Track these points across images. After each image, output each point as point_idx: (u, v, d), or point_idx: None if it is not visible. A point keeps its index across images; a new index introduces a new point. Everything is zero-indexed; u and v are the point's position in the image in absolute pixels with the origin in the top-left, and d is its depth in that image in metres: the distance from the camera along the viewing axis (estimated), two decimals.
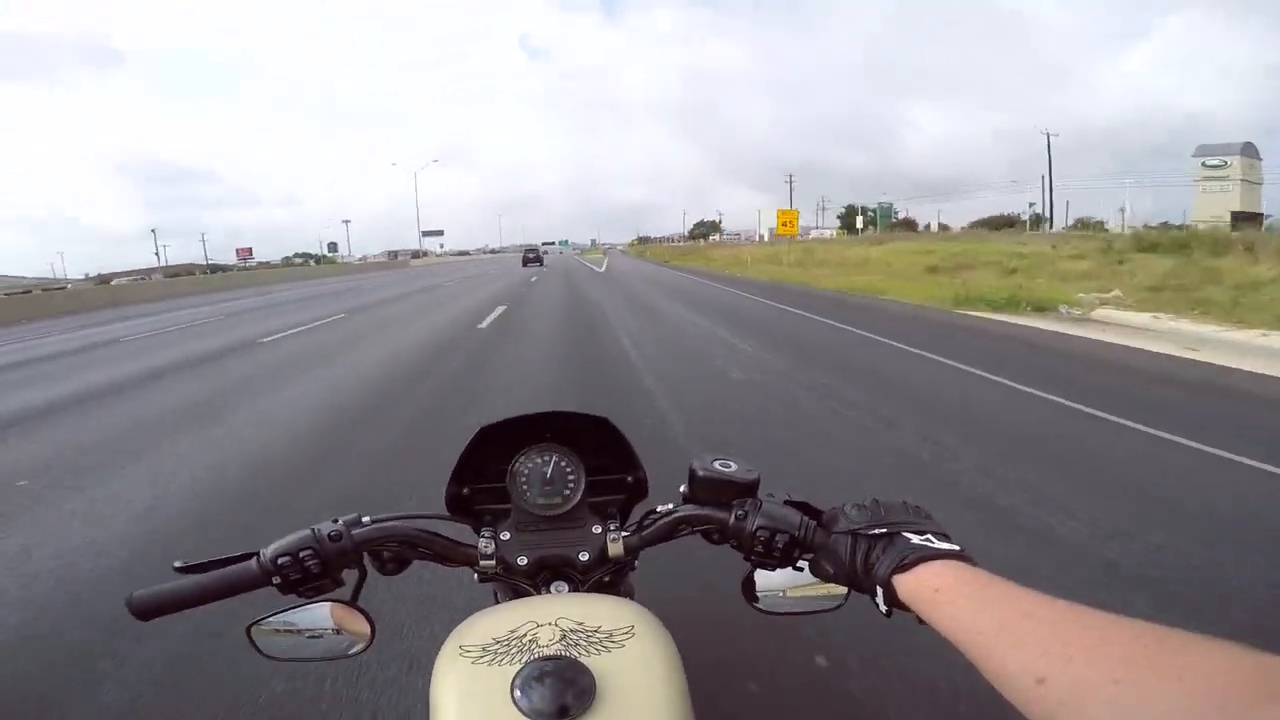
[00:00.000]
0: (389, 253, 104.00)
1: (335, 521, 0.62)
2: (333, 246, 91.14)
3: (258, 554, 0.59)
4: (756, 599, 0.66)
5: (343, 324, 10.66)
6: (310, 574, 0.59)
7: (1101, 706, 0.31)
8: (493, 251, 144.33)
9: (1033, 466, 3.20)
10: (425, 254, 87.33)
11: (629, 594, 0.74)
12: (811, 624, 1.64)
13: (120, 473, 3.44)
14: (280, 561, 0.58)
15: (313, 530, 0.60)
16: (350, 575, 0.63)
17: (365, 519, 0.63)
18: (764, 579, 0.65)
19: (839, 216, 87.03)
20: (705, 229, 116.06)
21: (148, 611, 0.57)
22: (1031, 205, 58.06)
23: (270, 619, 0.61)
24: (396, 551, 0.65)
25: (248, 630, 0.61)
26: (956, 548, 0.48)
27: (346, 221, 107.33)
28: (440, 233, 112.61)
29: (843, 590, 0.62)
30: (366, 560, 0.64)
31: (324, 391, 5.33)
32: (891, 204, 63.29)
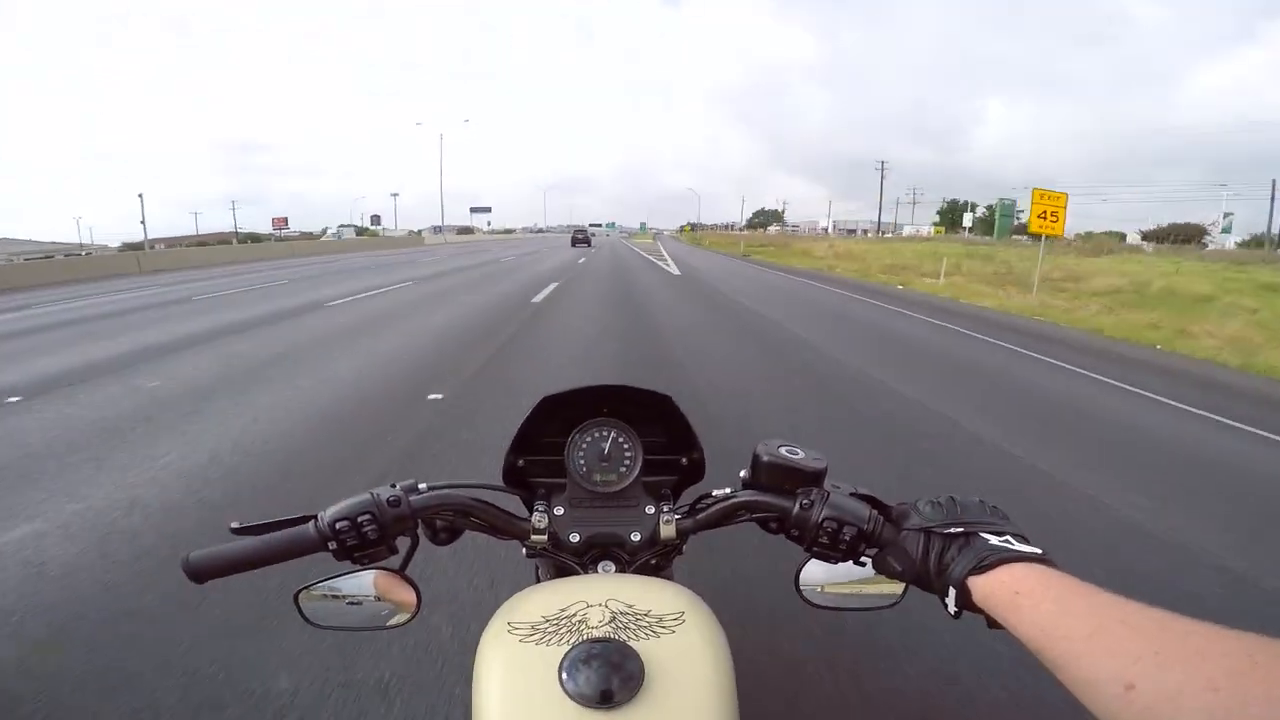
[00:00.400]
0: (433, 228, 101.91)
1: (393, 487, 0.61)
2: (375, 219, 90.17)
3: (315, 517, 0.59)
4: (805, 592, 0.64)
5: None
6: (367, 540, 0.58)
7: (1196, 714, 0.30)
8: (539, 231, 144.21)
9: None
10: (473, 230, 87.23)
11: (670, 579, 0.73)
12: (859, 617, 1.61)
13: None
14: (338, 526, 0.57)
15: (372, 494, 0.59)
16: (402, 544, 0.63)
17: (422, 485, 0.63)
18: (814, 572, 0.63)
19: (939, 213, 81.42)
20: (765, 218, 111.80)
21: (203, 573, 0.57)
22: (1228, 215, 50.43)
23: (318, 585, 0.62)
24: (450, 521, 0.65)
25: (295, 596, 0.61)
26: (1038, 551, 0.46)
27: (395, 195, 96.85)
28: (488, 209, 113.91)
29: (899, 588, 0.60)
30: (420, 529, 0.63)
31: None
32: (1014, 202, 47.31)
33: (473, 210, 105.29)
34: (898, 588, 0.60)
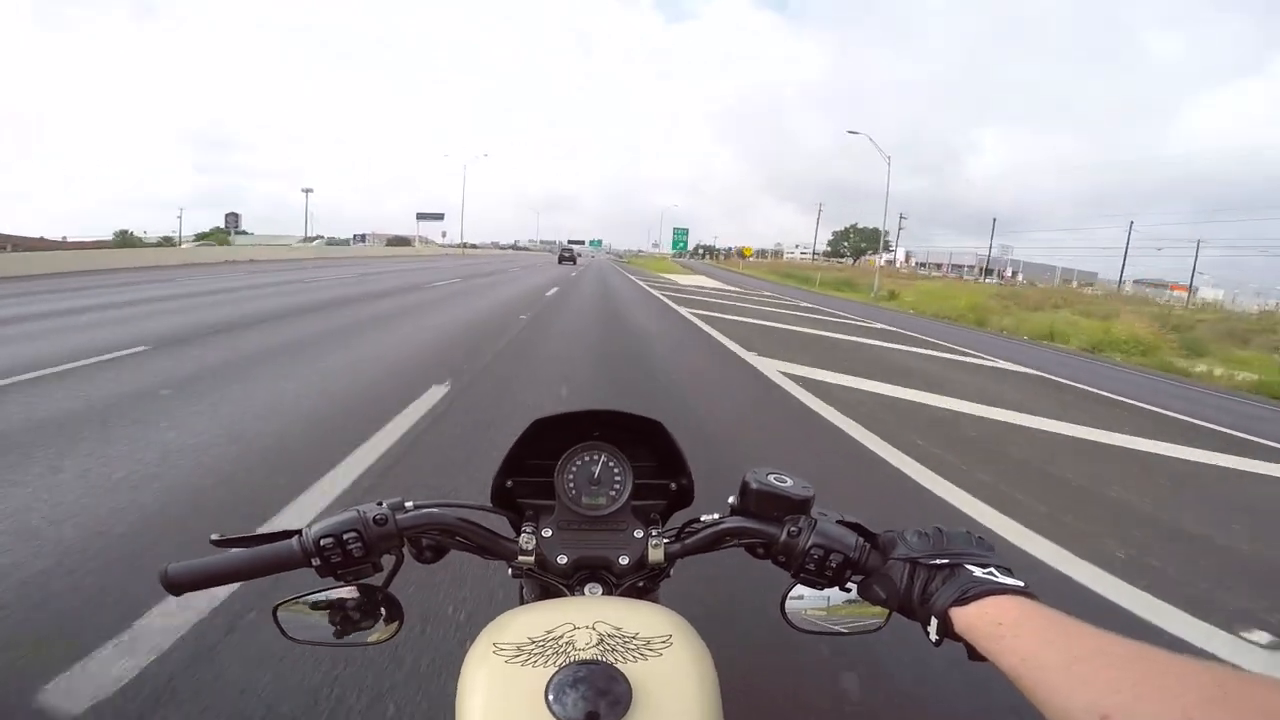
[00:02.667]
0: (356, 236, 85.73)
1: (380, 504, 0.61)
2: (232, 219, 61.05)
3: (299, 533, 0.59)
4: (791, 617, 0.64)
5: None
6: (351, 557, 0.58)
7: None
8: (512, 247, 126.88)
9: None
10: (410, 242, 64.49)
11: (655, 602, 0.73)
12: (842, 642, 1.62)
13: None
14: (323, 543, 0.57)
15: (358, 512, 0.60)
16: (387, 561, 0.62)
17: (408, 504, 0.63)
18: (800, 597, 0.64)
19: (830, 240, 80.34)
20: (862, 239, 78.95)
21: (181, 585, 0.56)
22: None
23: (299, 600, 0.61)
24: (437, 540, 0.65)
25: (274, 610, 0.60)
26: (1021, 584, 0.47)
27: (307, 190, 69.78)
28: (439, 216, 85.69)
29: (883, 614, 0.61)
30: (405, 547, 0.63)
31: None
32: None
33: (420, 217, 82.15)
34: (881, 613, 0.61)
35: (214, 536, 0.59)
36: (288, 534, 0.59)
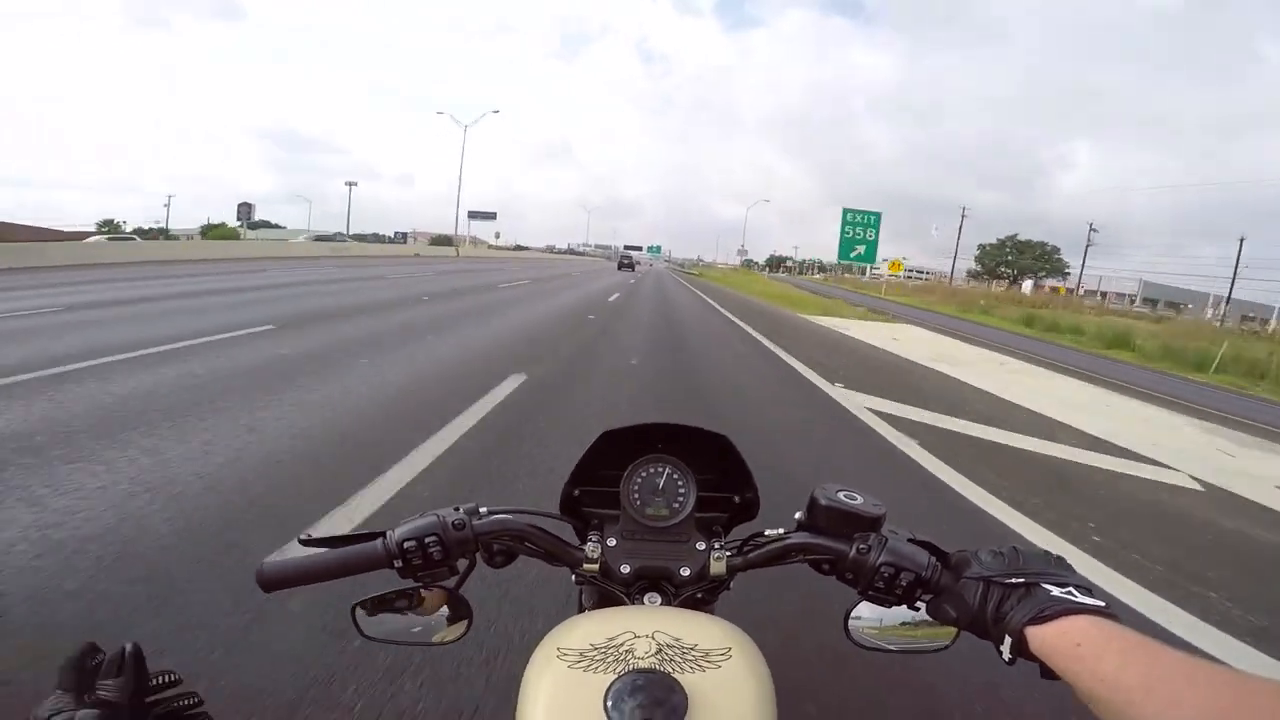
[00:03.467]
0: (397, 234, 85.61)
1: (457, 510, 0.64)
2: (245, 209, 65.39)
3: (384, 535, 0.62)
4: (855, 634, 0.64)
5: None
6: (431, 560, 0.61)
7: None
8: (568, 251, 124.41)
9: None
10: (452, 243, 53.21)
11: (713, 614, 0.73)
12: (904, 661, 1.54)
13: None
14: (406, 545, 0.60)
15: (438, 516, 0.62)
16: (460, 564, 0.65)
17: (483, 509, 0.66)
18: (864, 614, 0.63)
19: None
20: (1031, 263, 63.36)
21: (273, 583, 0.60)
22: None
23: (377, 599, 0.64)
24: (508, 545, 0.67)
25: (353, 608, 0.63)
26: (1101, 603, 0.46)
27: (351, 184, 66.04)
28: (491, 216, 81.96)
29: (950, 633, 0.60)
30: (478, 552, 0.66)
31: None
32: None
33: (472, 216, 77.10)
34: (949, 633, 0.60)
35: (302, 536, 0.62)
36: (371, 535, 0.62)
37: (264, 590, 0.60)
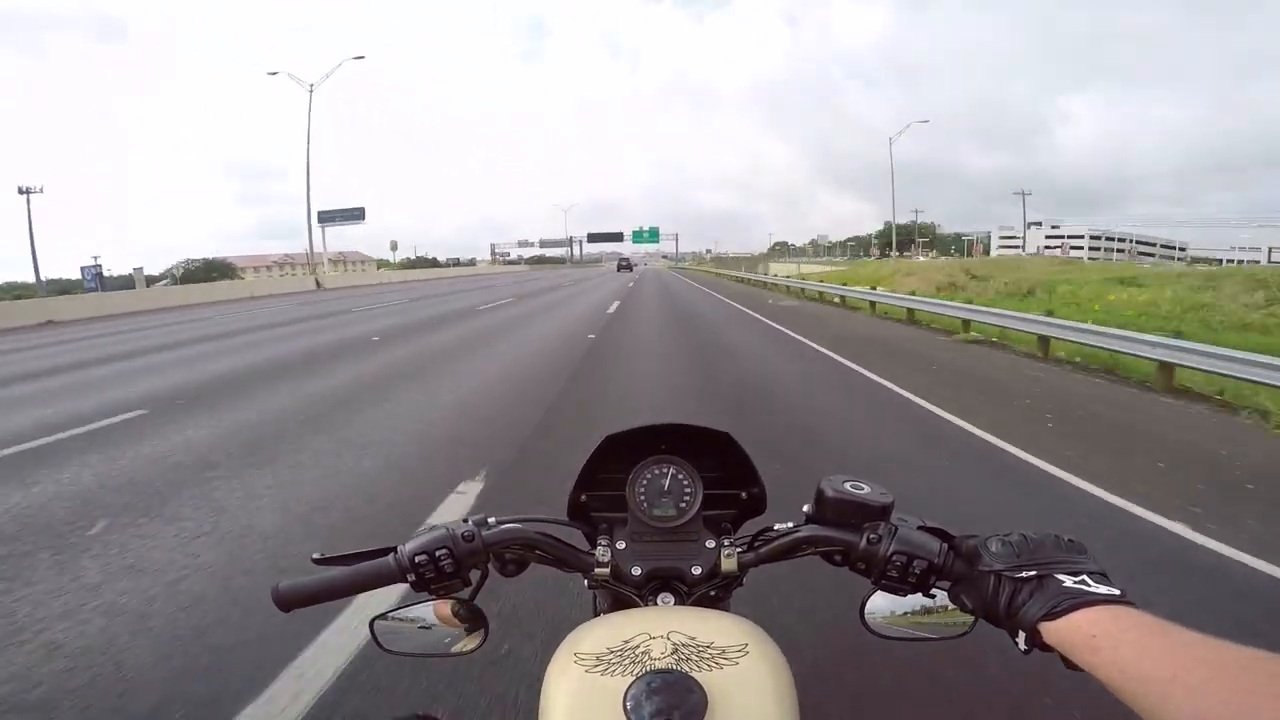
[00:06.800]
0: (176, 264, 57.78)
1: (466, 522, 0.64)
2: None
3: (395, 550, 0.62)
4: (871, 623, 0.63)
5: None
6: (443, 573, 0.62)
7: None
8: (513, 261, 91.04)
9: None
10: (348, 264, 37.25)
11: (727, 611, 0.73)
12: (923, 649, 1.55)
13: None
14: (417, 559, 0.61)
15: (447, 529, 0.63)
16: (473, 575, 0.65)
17: (491, 520, 0.66)
18: (880, 604, 0.62)
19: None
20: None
21: (290, 603, 0.61)
22: None
23: (393, 613, 0.65)
24: (519, 554, 0.68)
25: (371, 623, 0.64)
26: (1117, 591, 0.44)
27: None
28: (357, 214, 50.31)
29: (969, 619, 0.59)
30: (490, 562, 0.66)
31: None
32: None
33: (323, 218, 44.79)
34: (967, 619, 0.59)
35: (315, 556, 0.63)
36: (383, 551, 0.62)
37: (282, 610, 0.61)
